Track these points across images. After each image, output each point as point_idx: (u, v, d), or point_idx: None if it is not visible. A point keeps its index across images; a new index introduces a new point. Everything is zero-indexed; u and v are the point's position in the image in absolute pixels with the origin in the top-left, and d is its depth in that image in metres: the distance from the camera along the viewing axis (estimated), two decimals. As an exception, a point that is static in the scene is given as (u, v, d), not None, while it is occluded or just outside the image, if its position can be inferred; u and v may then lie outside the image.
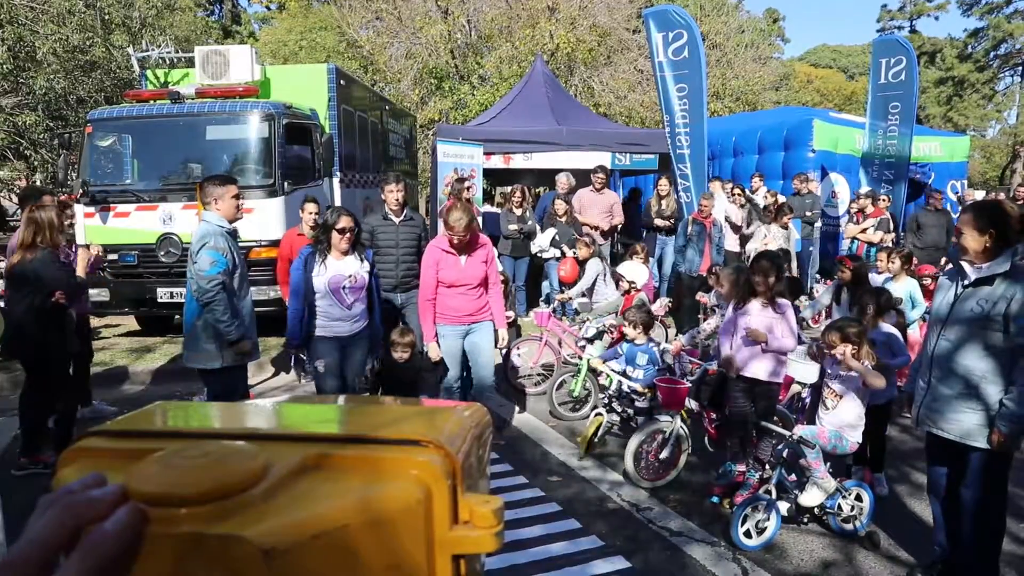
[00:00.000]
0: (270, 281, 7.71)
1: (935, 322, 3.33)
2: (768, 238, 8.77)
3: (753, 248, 8.54)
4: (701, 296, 7.41)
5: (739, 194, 9.93)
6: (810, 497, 3.95)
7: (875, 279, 6.42)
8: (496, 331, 5.07)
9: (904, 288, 6.28)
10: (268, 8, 35.08)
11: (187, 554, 0.52)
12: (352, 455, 0.63)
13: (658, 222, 9.81)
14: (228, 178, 4.62)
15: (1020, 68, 35.12)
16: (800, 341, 5.82)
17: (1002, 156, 37.35)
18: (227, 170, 7.76)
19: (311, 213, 6.76)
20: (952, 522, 3.38)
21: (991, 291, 3.07)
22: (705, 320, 7.10)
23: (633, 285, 6.58)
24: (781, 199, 10.14)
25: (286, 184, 7.88)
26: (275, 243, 7.79)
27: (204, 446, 0.60)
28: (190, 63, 9.30)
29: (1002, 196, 11.60)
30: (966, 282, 3.18)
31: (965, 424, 3.13)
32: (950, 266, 3.32)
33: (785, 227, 8.98)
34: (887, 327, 4.64)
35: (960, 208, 3.39)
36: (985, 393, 3.08)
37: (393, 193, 5.96)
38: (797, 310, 6.45)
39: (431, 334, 4.89)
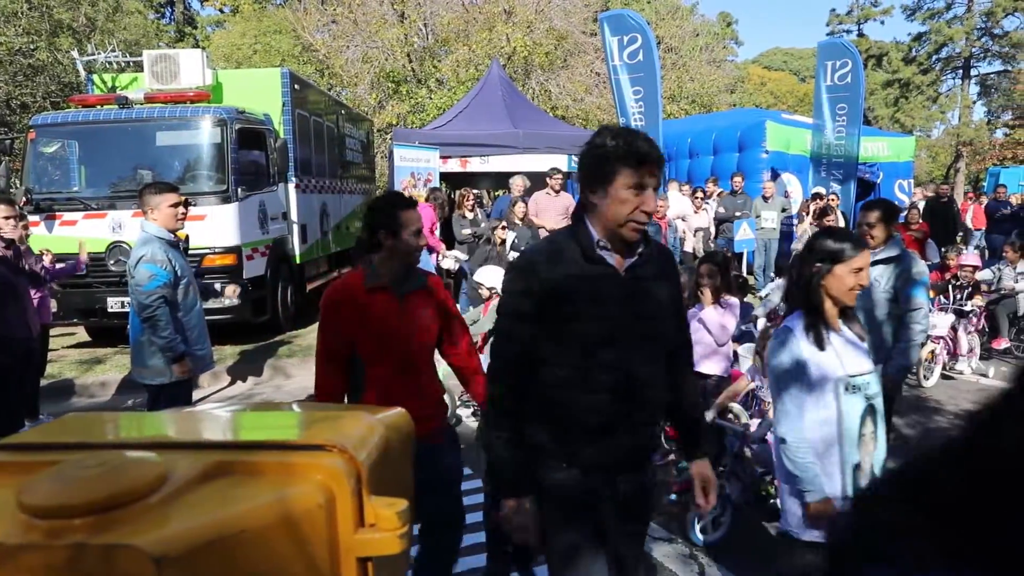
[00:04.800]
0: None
1: None
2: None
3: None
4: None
5: (701, 197, 10.12)
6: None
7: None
8: None
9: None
10: (221, 11, 34.42)
11: (76, 565, 0.52)
12: (256, 460, 0.63)
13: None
14: (166, 186, 4.41)
15: (961, 71, 36.35)
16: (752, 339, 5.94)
17: (946, 155, 38.60)
18: (179, 176, 7.62)
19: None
20: None
21: (882, 271, 3.84)
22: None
23: (493, 291, 5.53)
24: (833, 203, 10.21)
25: (240, 190, 7.77)
26: (230, 250, 7.66)
27: (102, 456, 0.59)
28: (139, 67, 9.10)
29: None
30: None
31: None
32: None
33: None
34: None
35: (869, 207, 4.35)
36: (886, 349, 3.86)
37: (650, 206, 1.95)
38: (750, 307, 6.57)
39: None
